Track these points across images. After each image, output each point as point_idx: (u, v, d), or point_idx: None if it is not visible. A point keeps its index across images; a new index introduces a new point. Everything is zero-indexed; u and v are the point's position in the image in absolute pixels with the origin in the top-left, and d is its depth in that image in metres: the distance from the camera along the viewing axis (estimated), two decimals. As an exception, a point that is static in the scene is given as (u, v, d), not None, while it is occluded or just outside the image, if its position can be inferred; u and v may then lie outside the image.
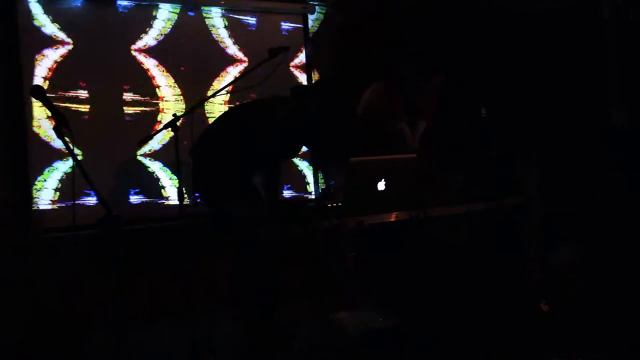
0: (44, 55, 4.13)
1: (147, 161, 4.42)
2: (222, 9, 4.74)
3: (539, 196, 3.78)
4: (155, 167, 4.44)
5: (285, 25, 5.04)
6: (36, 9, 4.13)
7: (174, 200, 4.41)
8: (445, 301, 3.47)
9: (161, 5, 4.51)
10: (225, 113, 3.80)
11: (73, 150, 2.40)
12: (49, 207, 4.05)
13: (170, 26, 4.55)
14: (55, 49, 4.17)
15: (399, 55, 4.42)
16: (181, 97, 4.55)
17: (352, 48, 5.01)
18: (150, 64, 4.46)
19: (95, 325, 3.43)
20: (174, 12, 4.57)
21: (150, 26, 4.48)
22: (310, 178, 5.08)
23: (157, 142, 4.42)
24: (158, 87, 4.48)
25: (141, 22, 4.47)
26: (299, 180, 5.03)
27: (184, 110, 4.34)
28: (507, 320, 3.36)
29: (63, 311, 3.62)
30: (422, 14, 4.97)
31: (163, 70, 4.50)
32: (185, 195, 3.08)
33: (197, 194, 3.32)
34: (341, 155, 3.33)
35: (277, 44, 3.21)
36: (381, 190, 3.05)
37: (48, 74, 4.13)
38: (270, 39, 4.71)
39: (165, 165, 4.47)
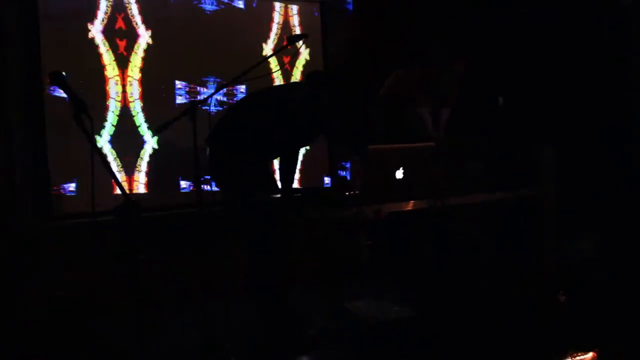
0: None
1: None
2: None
3: (555, 187, 3.74)
4: None
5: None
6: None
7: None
8: (461, 292, 3.47)
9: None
10: (240, 101, 3.81)
11: (92, 137, 2.41)
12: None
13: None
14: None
15: (422, 41, 4.38)
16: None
17: (370, 37, 4.97)
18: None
19: (113, 313, 3.46)
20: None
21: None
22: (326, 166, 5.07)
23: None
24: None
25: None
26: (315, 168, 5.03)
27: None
28: (524, 311, 3.35)
29: (80, 299, 3.65)
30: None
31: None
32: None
33: (213, 182, 3.33)
34: (358, 144, 3.32)
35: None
36: (399, 179, 3.04)
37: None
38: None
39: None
